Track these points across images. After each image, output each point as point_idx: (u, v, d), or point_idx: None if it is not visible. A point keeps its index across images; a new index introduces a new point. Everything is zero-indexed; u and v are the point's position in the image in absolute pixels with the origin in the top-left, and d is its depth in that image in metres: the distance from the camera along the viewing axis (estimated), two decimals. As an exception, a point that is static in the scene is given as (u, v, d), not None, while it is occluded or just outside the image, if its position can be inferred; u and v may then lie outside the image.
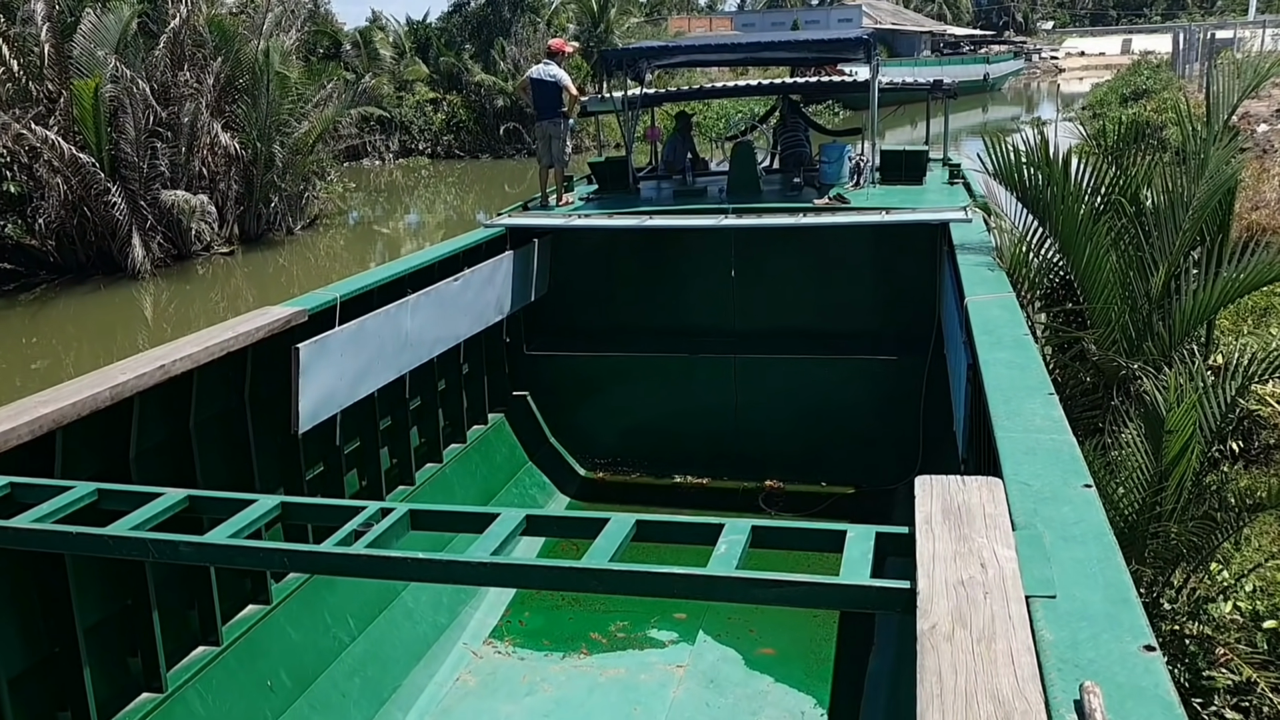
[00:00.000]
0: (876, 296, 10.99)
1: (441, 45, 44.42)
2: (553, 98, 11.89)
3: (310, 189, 27.64)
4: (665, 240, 11.18)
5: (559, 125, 11.94)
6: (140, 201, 21.54)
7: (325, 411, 7.35)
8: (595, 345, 11.42)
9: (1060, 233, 7.56)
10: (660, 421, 11.23)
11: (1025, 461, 3.77)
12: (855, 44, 11.64)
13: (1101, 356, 7.08)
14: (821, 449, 10.78)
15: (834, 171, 12.04)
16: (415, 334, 8.57)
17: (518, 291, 10.69)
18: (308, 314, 7.26)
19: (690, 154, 14.27)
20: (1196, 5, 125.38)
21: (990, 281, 6.97)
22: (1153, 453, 6.06)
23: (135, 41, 21.72)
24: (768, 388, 10.98)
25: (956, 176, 11.82)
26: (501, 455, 10.55)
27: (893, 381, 10.52)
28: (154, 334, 19.71)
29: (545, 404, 11.49)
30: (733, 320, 11.32)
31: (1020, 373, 4.89)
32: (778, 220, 10.27)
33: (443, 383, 9.83)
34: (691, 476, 11.05)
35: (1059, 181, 7.52)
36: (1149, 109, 32.97)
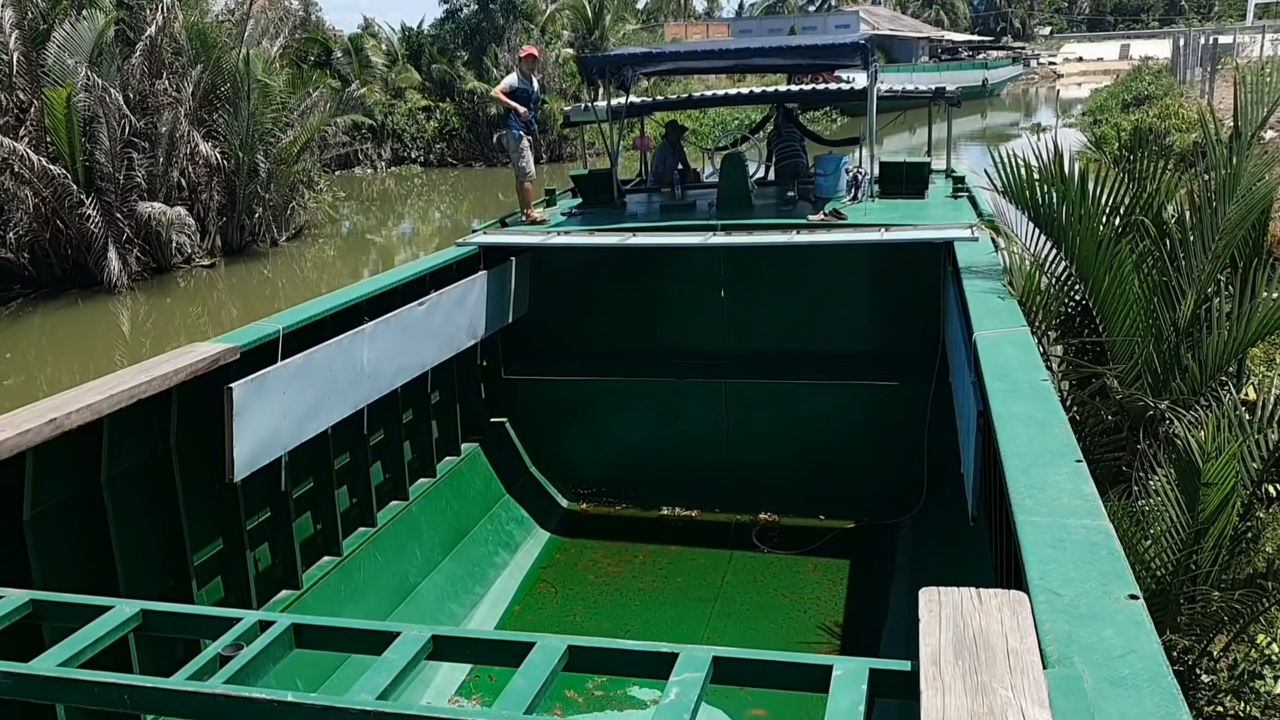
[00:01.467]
0: (876, 318, 10.36)
1: (434, 52, 43.81)
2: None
3: (298, 199, 27.00)
4: (651, 258, 10.54)
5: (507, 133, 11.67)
6: (116, 214, 20.90)
7: (266, 455, 6.69)
8: (578, 368, 10.79)
9: (1077, 256, 6.92)
10: (647, 449, 10.61)
11: (1053, 560, 3.11)
12: (851, 49, 10.96)
13: (1126, 395, 6.43)
14: (818, 480, 10.17)
15: (830, 184, 11.39)
16: (374, 364, 7.91)
17: (493, 313, 10.05)
18: (240, 351, 6.58)
19: (681, 165, 13.66)
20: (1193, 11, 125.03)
21: (1000, 312, 6.32)
22: (1187, 506, 5.45)
23: (111, 49, 21.04)
24: (761, 414, 10.36)
25: (961, 189, 11.17)
26: (476, 488, 9.89)
27: (894, 408, 9.89)
28: (131, 349, 19.13)
29: (525, 431, 10.86)
30: (723, 342, 10.70)
31: (1041, 432, 4.24)
32: (769, 238, 9.62)
33: (409, 413, 9.18)
34: (680, 509, 10.43)
35: (1076, 200, 6.88)
36: (1152, 115, 32.35)
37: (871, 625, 8.19)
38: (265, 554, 7.23)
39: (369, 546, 8.19)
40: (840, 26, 75.45)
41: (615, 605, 8.73)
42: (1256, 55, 47.65)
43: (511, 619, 8.58)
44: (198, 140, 22.68)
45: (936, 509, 9.47)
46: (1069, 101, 63.44)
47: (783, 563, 9.36)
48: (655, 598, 8.83)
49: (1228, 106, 31.77)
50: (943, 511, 9.05)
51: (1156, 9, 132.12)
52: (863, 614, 8.40)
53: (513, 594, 8.97)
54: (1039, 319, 6.86)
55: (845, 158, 11.95)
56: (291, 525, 7.32)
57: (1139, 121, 32.07)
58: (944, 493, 9.22)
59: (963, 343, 6.51)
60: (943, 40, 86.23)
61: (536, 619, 8.54)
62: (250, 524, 6.97)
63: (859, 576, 9.03)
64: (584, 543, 9.91)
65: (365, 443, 8.32)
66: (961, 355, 6.56)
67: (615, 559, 9.54)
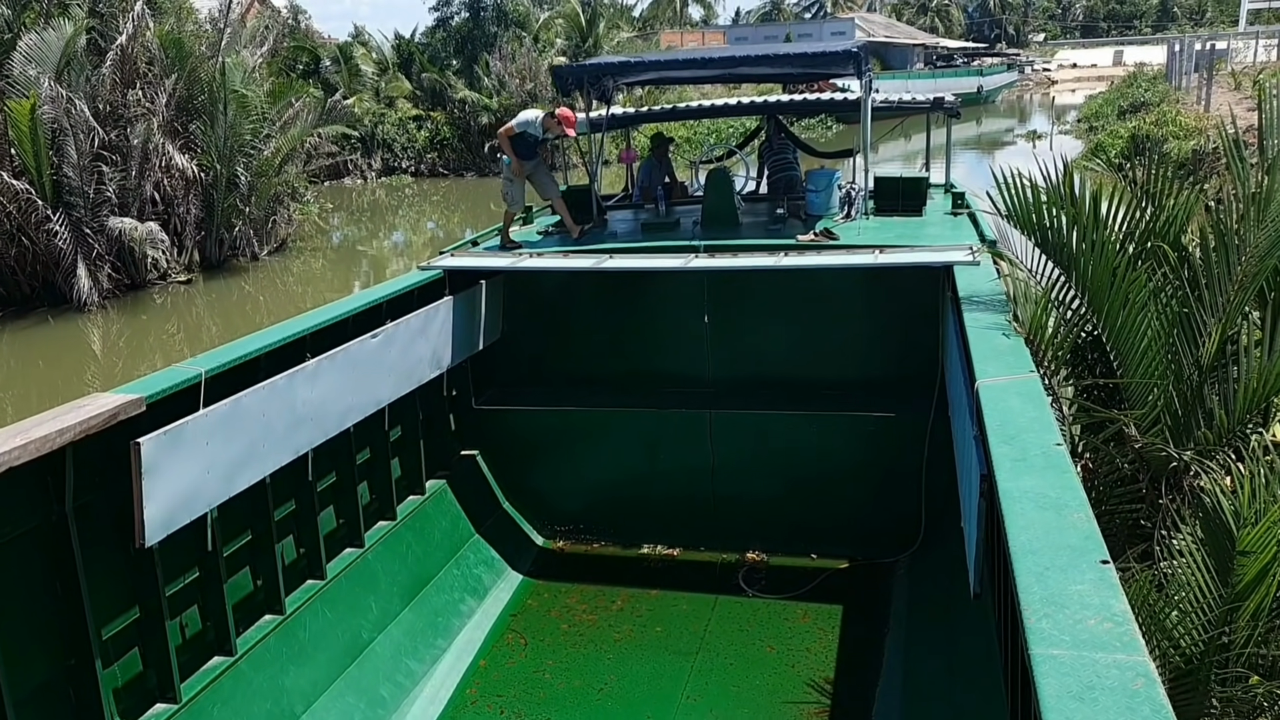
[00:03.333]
0: (870, 345, 9.74)
1: (425, 61, 43.20)
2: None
3: (282, 210, 26.34)
4: (631, 281, 9.91)
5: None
6: (85, 229, 20.23)
7: (187, 514, 6.02)
8: (554, 397, 10.17)
9: (1089, 287, 6.29)
10: (627, 484, 9.99)
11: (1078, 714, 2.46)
12: (844, 58, 10.29)
13: (1145, 444, 5.80)
14: (809, 517, 9.56)
15: (822, 201, 10.75)
16: (319, 405, 7.24)
17: (461, 341, 9.41)
18: (145, 402, 5.90)
19: (668, 179, 13.04)
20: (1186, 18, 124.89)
21: (1006, 353, 5.68)
22: (1218, 573, 4.82)
23: (81, 59, 20.37)
24: (748, 446, 9.72)
25: (960, 206, 10.53)
26: (442, 529, 9.23)
27: (890, 441, 9.26)
28: (104, 368, 18.54)
29: (497, 464, 10.22)
30: (708, 370, 10.08)
31: (1057, 519, 3.60)
32: (755, 261, 8.97)
33: (365, 452, 8.52)
34: (662, 547, 9.80)
35: (1088, 225, 6.25)
36: (1149, 122, 31.83)
37: (865, 682, 7.57)
38: (194, 619, 6.57)
39: (316, 602, 7.53)
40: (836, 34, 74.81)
41: (588, 658, 8.09)
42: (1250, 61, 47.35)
43: (476, 675, 7.93)
44: (173, 152, 22.00)
45: (935, 547, 8.87)
46: (1063, 108, 63.04)
47: (771, 608, 8.72)
48: (632, 649, 8.19)
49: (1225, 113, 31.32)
50: (942, 549, 8.47)
51: (1149, 16, 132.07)
52: (856, 669, 7.77)
53: (479, 646, 8.31)
54: (1047, 357, 6.23)
55: (838, 172, 11.31)
56: (223, 586, 6.65)
57: (1136, 129, 31.56)
58: (943, 530, 8.64)
59: (964, 388, 5.87)
60: (938, 47, 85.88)
61: (503, 675, 7.90)
62: (171, 589, 6.30)
63: (852, 624, 8.40)
64: (558, 585, 9.26)
65: (312, 489, 7.65)
66: (963, 402, 5.91)
67: (591, 604, 8.90)
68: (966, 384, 5.70)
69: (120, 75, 21.54)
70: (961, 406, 5.98)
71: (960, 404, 6.12)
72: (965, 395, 5.73)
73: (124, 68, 21.53)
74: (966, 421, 5.58)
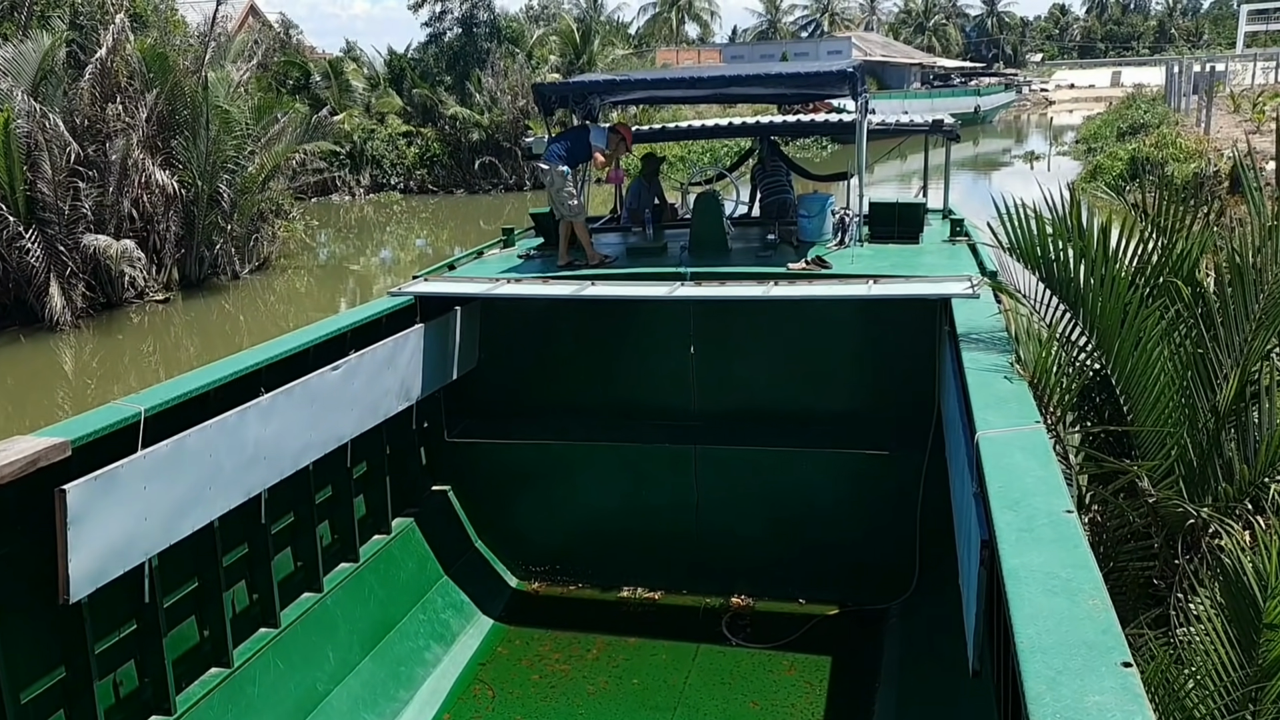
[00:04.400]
0: (864, 379, 9.27)
1: (416, 77, 42.79)
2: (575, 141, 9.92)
3: (266, 228, 25.84)
4: (613, 309, 9.42)
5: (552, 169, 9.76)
6: (60, 246, 19.72)
7: (120, 565, 5.53)
8: (531, 430, 9.69)
9: (1098, 325, 5.83)
10: (607, 522, 9.52)
11: None
12: (839, 78, 9.82)
13: (1160, 499, 5.32)
14: (798, 559, 9.11)
15: (814, 227, 10.28)
16: (273, 443, 6.75)
17: (433, 371, 8.94)
18: (71, 446, 5.41)
19: (657, 200, 12.57)
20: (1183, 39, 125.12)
21: (1009, 400, 5.20)
22: (1241, 645, 4.35)
23: (58, 72, 19.89)
24: (734, 484, 9.26)
25: (959, 233, 10.06)
26: (408, 571, 8.72)
27: (884, 480, 8.80)
28: (75, 390, 18.05)
29: (470, 500, 9.74)
30: (693, 403, 9.60)
31: (1070, 607, 3.12)
32: (743, 290, 8.51)
33: (326, 491, 8.03)
34: (643, 590, 9.32)
35: (1097, 260, 5.79)
36: (1149, 144, 31.46)
37: None
38: (129, 676, 6.06)
39: (268, 653, 7.01)
40: (833, 53, 74.75)
41: (560, 713, 7.59)
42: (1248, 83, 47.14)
43: (438, 733, 7.45)
44: (153, 168, 21.52)
45: (930, 594, 8.40)
46: (1061, 128, 62.85)
47: (755, 659, 8.23)
48: (607, 704, 7.69)
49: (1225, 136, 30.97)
50: (937, 597, 8.00)
51: (1146, 37, 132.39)
52: None
53: (444, 699, 7.79)
54: (1052, 402, 5.75)
55: (832, 197, 10.84)
56: (162, 640, 6.14)
57: (1136, 151, 31.20)
58: (938, 576, 8.18)
59: (963, 437, 5.39)
60: (935, 67, 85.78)
61: (467, 734, 7.41)
62: (101, 646, 5.80)
63: (841, 678, 7.91)
64: (531, 632, 8.76)
65: (265, 532, 7.15)
66: (961, 452, 5.42)
67: (565, 652, 8.39)
68: (965, 434, 5.23)
69: (100, 89, 21.06)
70: (960, 457, 5.49)
71: (959, 454, 5.64)
72: (964, 446, 5.25)
73: (104, 81, 21.05)
74: (965, 475, 5.10)
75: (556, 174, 9.63)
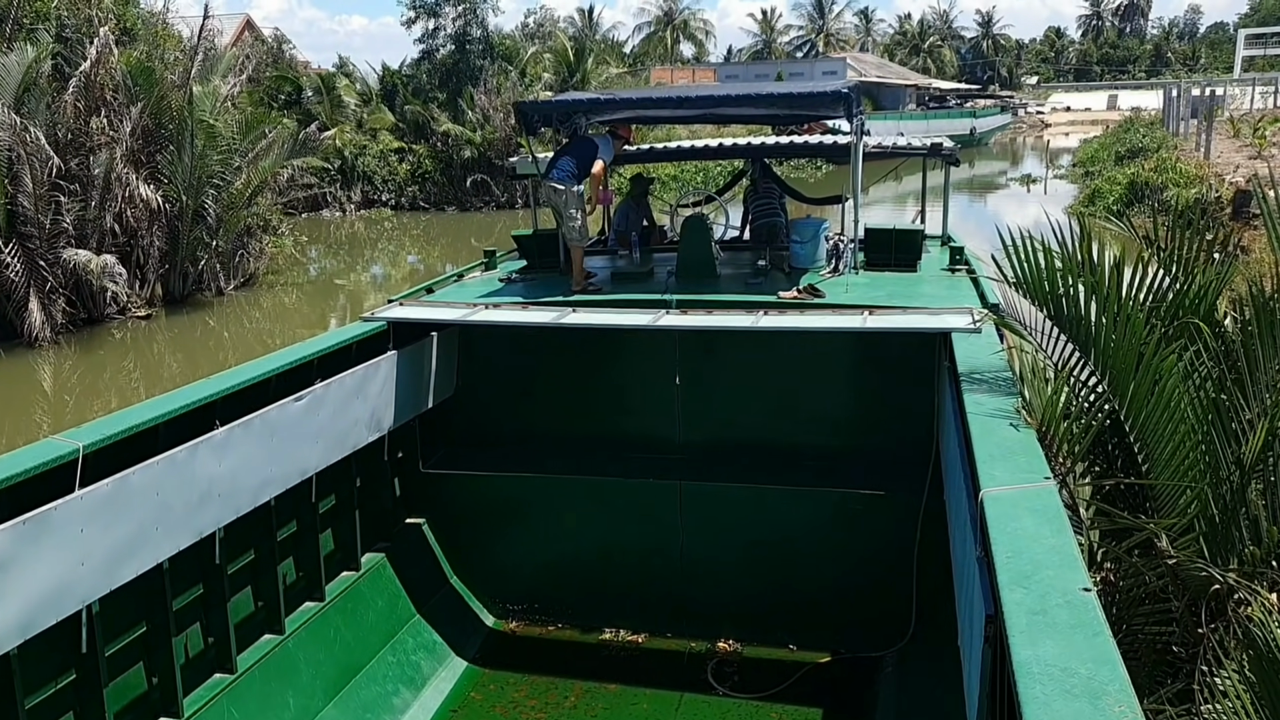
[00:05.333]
0: (858, 414, 8.87)
1: (408, 93, 42.43)
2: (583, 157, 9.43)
3: (253, 243, 25.40)
4: (596, 336, 9.02)
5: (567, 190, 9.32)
6: (40, 261, 19.27)
7: (52, 614, 5.11)
8: (510, 462, 9.29)
9: (1111, 368, 5.42)
10: (589, 560, 9.11)
11: None
12: (834, 99, 9.43)
13: (1180, 561, 4.90)
14: (788, 603, 8.70)
15: (807, 253, 9.88)
16: (229, 479, 6.34)
17: (407, 399, 8.53)
18: None
19: (646, 222, 12.20)
20: (1180, 63, 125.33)
21: (1014, 451, 4.78)
22: (1273, 727, 3.95)
23: (41, 85, 19.46)
24: (721, 523, 8.84)
25: (959, 262, 9.66)
26: (377, 610, 8.29)
27: (879, 521, 8.39)
28: (54, 408, 17.60)
29: (446, 534, 9.32)
30: (679, 436, 9.20)
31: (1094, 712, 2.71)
32: (731, 320, 8.11)
33: (291, 526, 7.61)
34: (625, 632, 8.90)
35: (1111, 298, 5.40)
36: (1148, 169, 31.16)
37: None
38: None
39: (223, 700, 6.58)
40: (828, 73, 74.62)
41: None
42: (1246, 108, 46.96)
43: (404, 787, 7.01)
44: (137, 183, 21.09)
45: (926, 643, 7.99)
46: (1057, 151, 62.65)
47: (742, 710, 7.81)
48: None
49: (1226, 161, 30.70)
50: (934, 647, 7.60)
51: (1143, 60, 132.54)
52: None
53: None
54: (1061, 451, 5.34)
55: (826, 222, 10.45)
56: (102, 691, 5.71)
57: (1135, 176, 30.90)
58: (936, 624, 7.77)
59: (965, 492, 4.97)
60: (930, 88, 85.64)
61: (436, 788, 6.98)
62: (33, 700, 5.37)
63: None
64: (507, 675, 8.33)
65: (221, 573, 6.72)
66: (963, 510, 5.00)
67: (541, 698, 7.96)
68: (968, 489, 4.81)
69: (85, 102, 20.65)
70: (962, 513, 5.07)
71: (960, 509, 5.22)
72: (967, 502, 4.83)
73: (88, 95, 20.64)
74: (968, 534, 4.68)
75: (572, 195, 9.23)
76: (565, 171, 9.27)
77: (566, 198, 9.23)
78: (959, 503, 5.33)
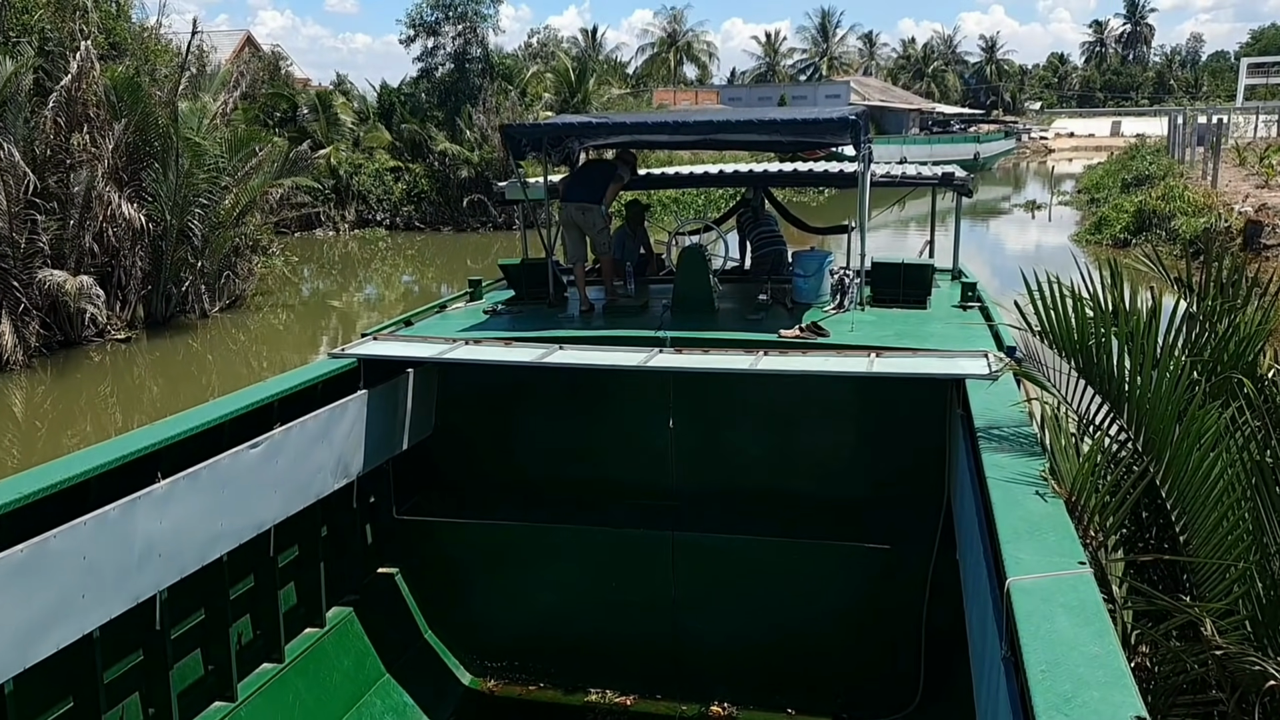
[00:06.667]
0: (864, 462, 8.31)
1: (406, 112, 41.94)
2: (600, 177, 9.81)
3: (242, 263, 24.82)
4: (584, 375, 8.43)
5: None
6: (14, 282, 18.69)
7: None
8: (492, 509, 8.72)
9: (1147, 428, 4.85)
10: (575, 614, 8.52)
11: None
12: (840, 125, 8.86)
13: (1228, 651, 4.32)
14: (787, 664, 8.13)
15: (811, 288, 9.33)
16: (171, 537, 5.75)
17: (379, 442, 7.95)
18: None
19: (644, 250, 11.64)
20: (1182, 90, 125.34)
21: (1043, 528, 4.18)
22: None
23: (19, 100, 18.91)
24: (716, 576, 8.25)
25: (971, 299, 9.10)
26: (343, 671, 7.69)
27: (885, 577, 7.83)
28: (25, 436, 16.95)
29: (421, 585, 8.73)
30: (672, 483, 8.62)
31: None
32: (728, 361, 7.54)
33: (248, 581, 7.01)
34: (613, 693, 8.33)
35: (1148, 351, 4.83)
36: (1155, 197, 30.67)
37: None
38: None
39: None
40: (831, 97, 74.35)
41: None
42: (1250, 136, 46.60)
43: None
44: (119, 201, 20.54)
45: (934, 709, 7.43)
46: (1061, 176, 62.22)
47: (735, 780, 7.22)
48: None
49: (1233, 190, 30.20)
50: (943, 713, 7.05)
51: (1145, 87, 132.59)
52: None
53: None
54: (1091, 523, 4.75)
55: (830, 255, 9.89)
56: None
57: (1142, 204, 30.42)
58: (946, 690, 7.24)
59: (986, 578, 4.38)
60: (933, 112, 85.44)
61: None
62: None
63: None
64: None
65: (163, 638, 6.12)
66: (984, 594, 4.40)
67: (520, 767, 7.38)
68: (990, 571, 4.23)
69: (66, 118, 20.12)
70: (982, 599, 4.47)
71: (979, 594, 4.61)
72: (989, 586, 4.24)
73: (69, 110, 20.11)
74: (989, 627, 4.09)
75: (596, 211, 9.52)
76: (583, 194, 9.56)
77: (592, 217, 9.55)
78: (978, 583, 4.74)
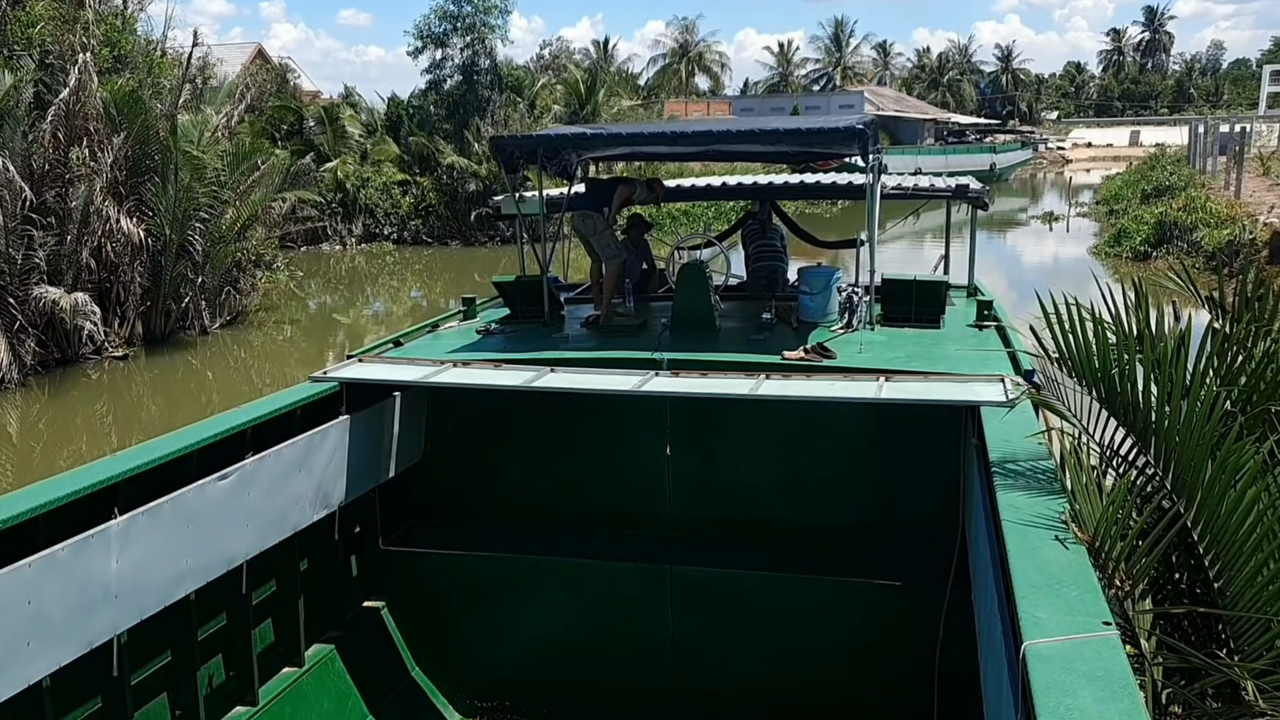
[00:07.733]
0: (872, 494, 7.88)
1: (413, 125, 41.61)
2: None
3: (245, 278, 24.50)
4: (578, 399, 8.02)
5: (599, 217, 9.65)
6: (10, 298, 18.39)
7: None
8: (482, 539, 8.32)
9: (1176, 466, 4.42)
10: (568, 651, 8.12)
11: None
12: (847, 135, 8.46)
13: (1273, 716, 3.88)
14: (790, 705, 7.69)
15: (817, 306, 8.91)
16: (131, 576, 5.37)
17: (362, 470, 7.55)
18: None
19: (646, 266, 11.25)
20: (1203, 99, 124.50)
21: (1063, 580, 3.75)
22: None
23: (17, 114, 18.63)
24: (717, 612, 7.84)
25: (987, 318, 8.65)
26: (323, 712, 7.29)
27: (895, 616, 7.39)
28: (20, 455, 16.62)
29: (407, 619, 8.32)
30: (669, 513, 8.22)
31: None
32: (728, 385, 7.11)
33: (220, 619, 6.61)
34: None
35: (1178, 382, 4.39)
36: (1176, 208, 30.12)
37: None
38: None
39: None
40: (844, 107, 73.91)
41: None
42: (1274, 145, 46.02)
43: None
44: (118, 216, 20.23)
45: None
46: (1079, 187, 61.69)
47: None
48: None
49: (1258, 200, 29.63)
50: None
51: (1165, 96, 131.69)
52: None
53: None
54: (1117, 570, 4.32)
55: (838, 271, 9.45)
56: None
57: (1163, 215, 29.87)
58: None
59: (1000, 631, 3.95)
60: (949, 122, 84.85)
61: None
62: None
63: None
64: None
65: (122, 684, 5.71)
66: (998, 655, 3.96)
67: (507, 820, 6.95)
68: (1006, 633, 3.80)
69: (65, 132, 19.83)
70: (997, 660, 4.03)
71: (994, 655, 4.17)
72: (1004, 649, 3.81)
73: (68, 124, 19.82)
74: (1004, 693, 3.66)
75: (599, 219, 9.47)
76: (588, 203, 9.56)
77: (595, 225, 9.45)
78: (992, 637, 4.30)
